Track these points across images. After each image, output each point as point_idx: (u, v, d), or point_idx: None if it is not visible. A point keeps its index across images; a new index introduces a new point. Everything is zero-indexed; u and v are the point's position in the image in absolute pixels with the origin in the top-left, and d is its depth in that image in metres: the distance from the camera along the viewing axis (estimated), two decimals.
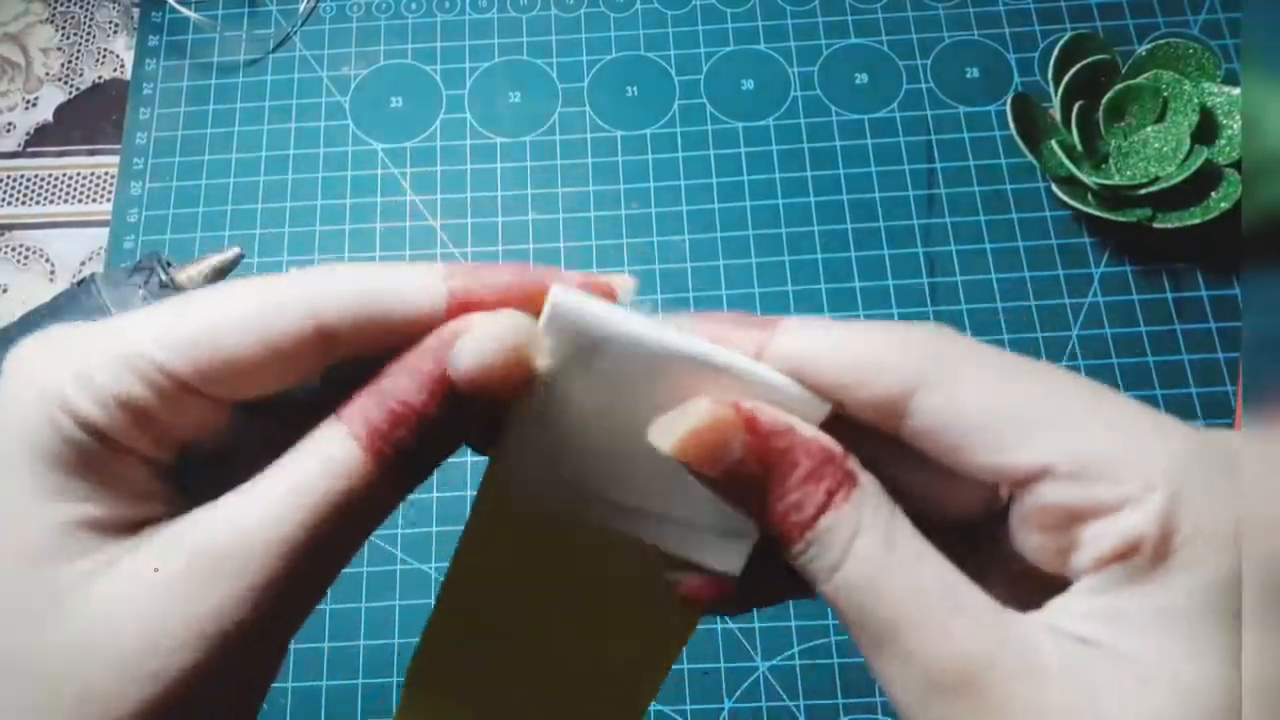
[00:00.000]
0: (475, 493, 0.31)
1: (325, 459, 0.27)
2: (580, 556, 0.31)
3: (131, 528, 0.27)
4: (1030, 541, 0.28)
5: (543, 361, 0.28)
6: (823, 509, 0.27)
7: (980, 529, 0.31)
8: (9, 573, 0.26)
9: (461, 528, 0.31)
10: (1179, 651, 0.24)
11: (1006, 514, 0.29)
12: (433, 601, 0.33)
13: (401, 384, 0.28)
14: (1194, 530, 0.25)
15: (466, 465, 0.65)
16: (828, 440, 0.28)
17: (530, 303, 0.29)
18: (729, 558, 0.31)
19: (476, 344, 0.27)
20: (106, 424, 0.27)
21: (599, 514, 0.31)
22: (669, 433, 0.27)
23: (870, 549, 0.26)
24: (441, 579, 0.32)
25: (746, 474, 0.27)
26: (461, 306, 0.28)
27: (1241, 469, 0.26)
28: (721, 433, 0.27)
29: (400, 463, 0.27)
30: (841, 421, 0.29)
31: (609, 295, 0.30)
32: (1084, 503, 0.26)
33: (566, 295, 0.28)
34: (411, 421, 0.27)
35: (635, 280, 0.30)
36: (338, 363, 0.29)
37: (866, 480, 0.27)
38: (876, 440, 0.29)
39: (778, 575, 0.30)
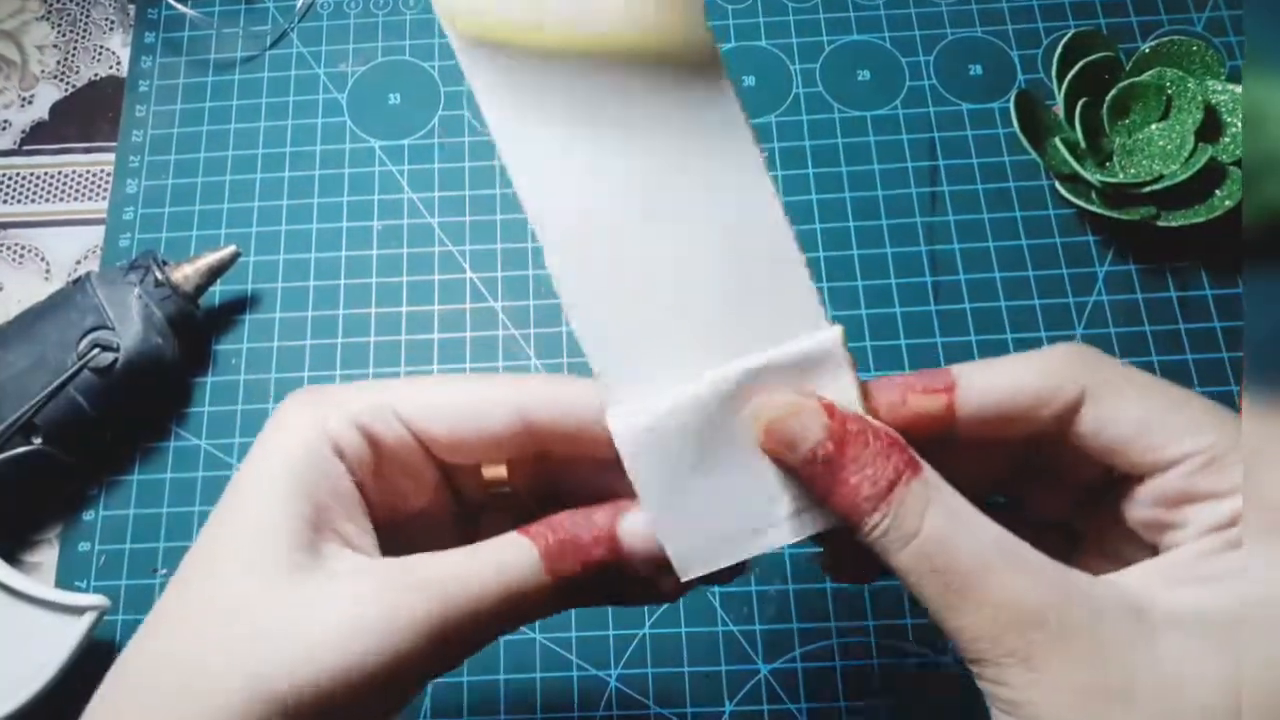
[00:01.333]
0: None
1: (518, 567, 0.34)
2: None
3: (332, 545, 0.34)
4: (1143, 515, 0.34)
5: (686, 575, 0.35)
6: (894, 483, 0.32)
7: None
8: (268, 563, 0.33)
9: None
10: (1240, 606, 0.30)
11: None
12: None
13: (583, 535, 0.35)
14: None
15: None
16: (890, 430, 0.33)
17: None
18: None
19: (643, 535, 0.35)
20: (357, 457, 0.34)
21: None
22: (757, 419, 0.33)
23: (942, 516, 0.31)
24: None
25: (824, 455, 0.33)
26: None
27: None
28: (803, 418, 0.33)
29: (567, 587, 0.35)
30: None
31: None
32: (1203, 489, 0.32)
33: (618, 424, 0.34)
34: (585, 560, 0.35)
35: None
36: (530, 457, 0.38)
37: (926, 467, 0.33)
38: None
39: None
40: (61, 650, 0.58)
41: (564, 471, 0.39)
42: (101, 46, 0.78)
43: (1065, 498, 0.39)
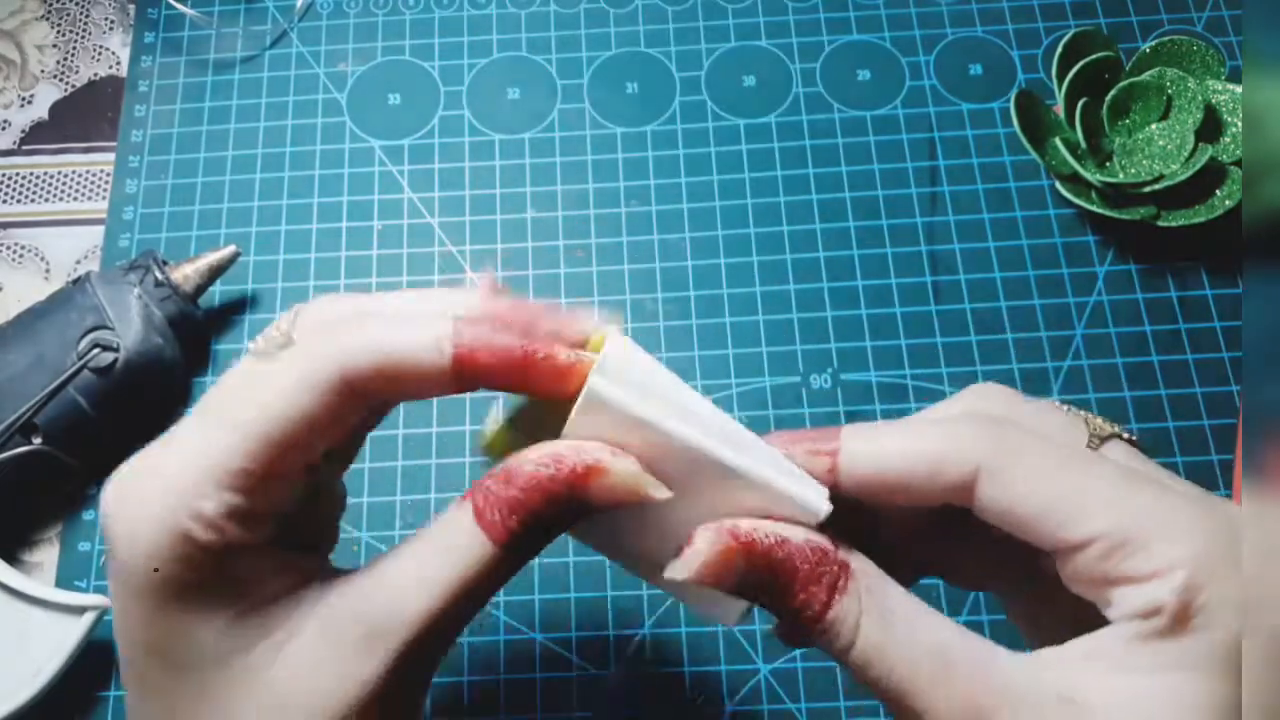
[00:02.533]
0: None
1: (467, 553, 0.32)
2: None
3: (279, 601, 0.33)
4: (1077, 585, 0.32)
5: (661, 494, 0.33)
6: (827, 605, 0.32)
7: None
8: (210, 680, 0.32)
9: None
10: (1175, 700, 0.29)
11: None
12: None
13: (532, 498, 0.32)
14: (1209, 600, 0.29)
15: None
16: (818, 539, 0.33)
17: (524, 370, 0.33)
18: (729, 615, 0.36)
19: (611, 488, 0.32)
20: (228, 539, 0.32)
21: (630, 562, 0.37)
22: (684, 568, 0.32)
23: (872, 627, 0.31)
24: None
25: (755, 581, 0.32)
26: (465, 363, 0.32)
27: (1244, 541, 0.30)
28: (726, 560, 0.32)
29: (516, 547, 0.33)
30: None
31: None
32: (1120, 573, 0.30)
33: (602, 382, 0.33)
34: (534, 521, 0.32)
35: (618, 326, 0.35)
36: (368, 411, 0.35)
37: (857, 564, 0.33)
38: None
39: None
40: (61, 650, 0.58)
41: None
42: (101, 46, 0.78)
43: (991, 560, 0.38)
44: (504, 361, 0.33)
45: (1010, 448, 0.32)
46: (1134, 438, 0.35)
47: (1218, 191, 0.65)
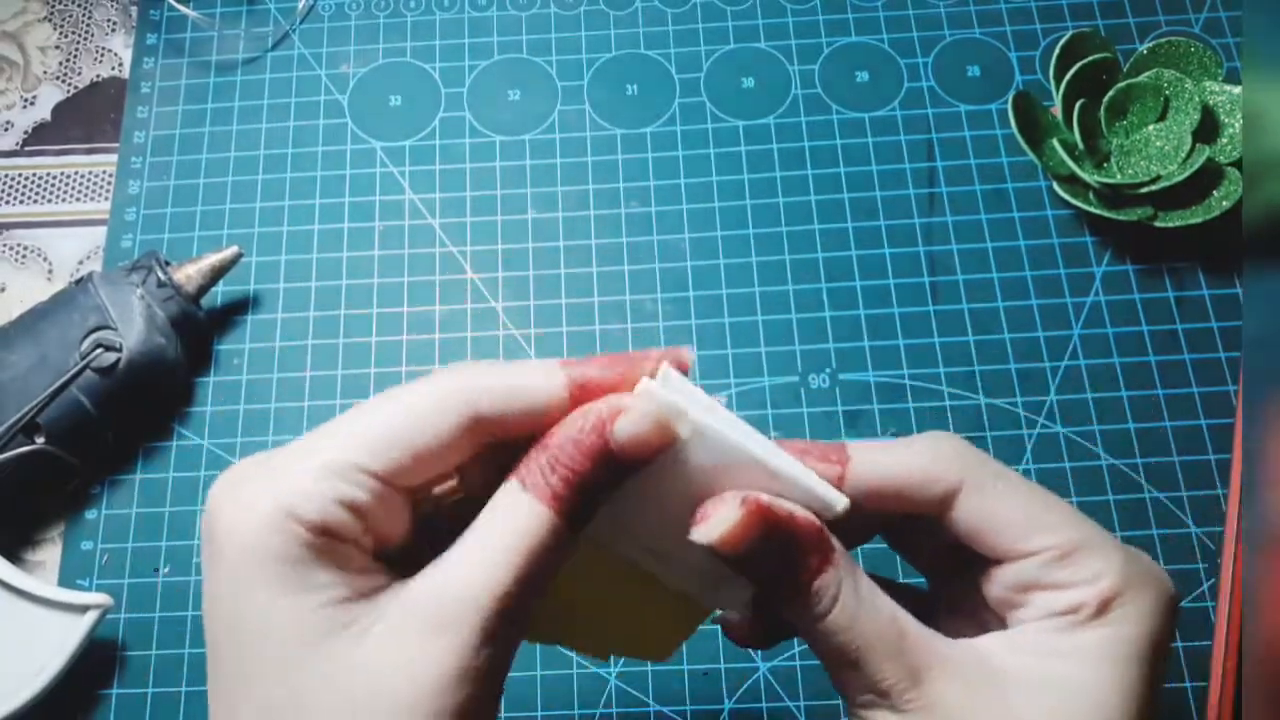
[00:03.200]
0: None
1: (522, 520, 0.34)
2: (628, 576, 0.40)
3: (366, 598, 0.34)
4: (995, 593, 0.39)
5: (685, 430, 0.35)
6: (817, 573, 0.36)
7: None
8: (293, 656, 0.33)
9: None
10: (1085, 676, 0.36)
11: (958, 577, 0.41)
12: None
13: (570, 454, 0.35)
14: (1124, 603, 0.36)
15: None
16: (817, 522, 0.37)
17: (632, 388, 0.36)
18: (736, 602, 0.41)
19: (633, 422, 0.35)
20: (333, 523, 0.33)
21: (647, 560, 0.39)
22: (708, 531, 0.35)
23: (848, 598, 0.36)
24: None
25: (768, 548, 0.36)
26: (581, 394, 0.36)
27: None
28: (748, 525, 0.35)
29: (573, 513, 0.35)
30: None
31: (682, 368, 0.37)
32: (1053, 579, 0.37)
33: (668, 389, 0.35)
34: (581, 483, 0.35)
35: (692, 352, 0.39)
36: (475, 451, 0.37)
37: (839, 550, 0.37)
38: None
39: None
40: (64, 649, 0.58)
41: (512, 457, 0.38)
42: (103, 48, 0.78)
43: (924, 566, 0.44)
44: (611, 388, 0.36)
45: (987, 470, 0.38)
46: None
47: (1215, 192, 0.66)
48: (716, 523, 0.35)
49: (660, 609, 0.42)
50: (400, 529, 0.37)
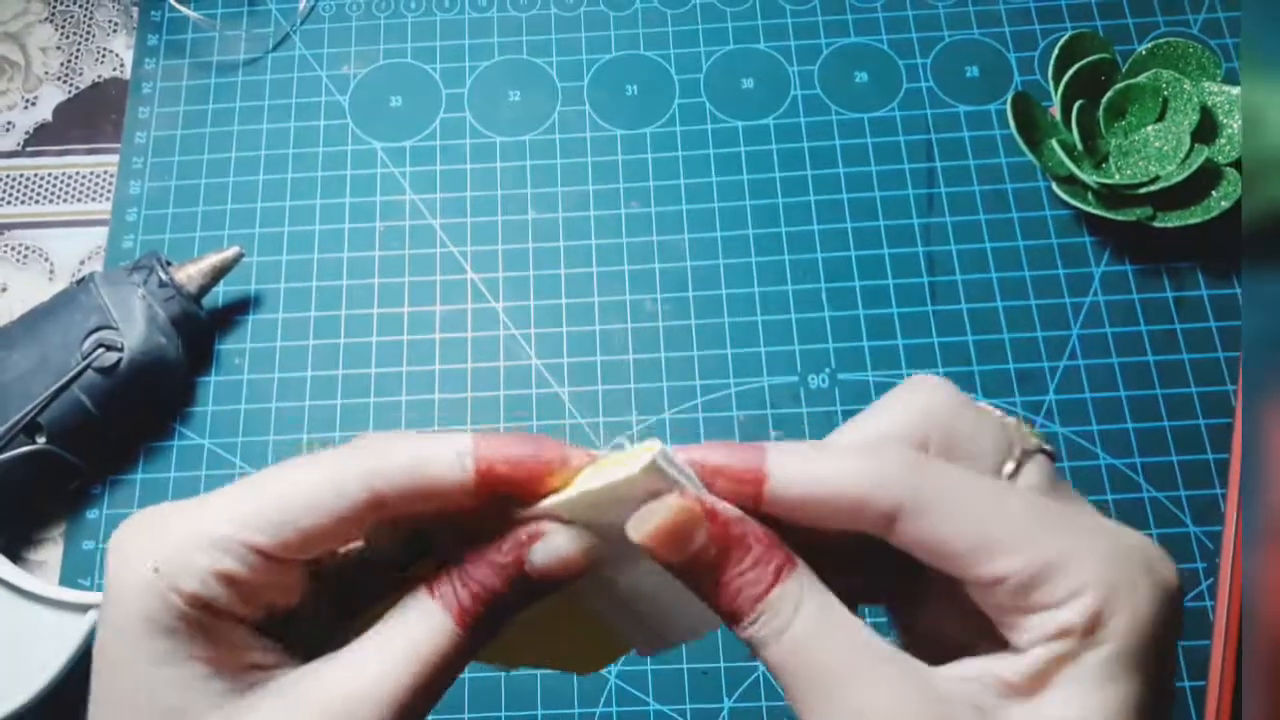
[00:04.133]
0: None
1: (426, 629, 0.34)
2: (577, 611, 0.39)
3: (245, 674, 0.34)
4: (987, 611, 0.34)
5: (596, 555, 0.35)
6: (773, 584, 0.33)
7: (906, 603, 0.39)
8: None
9: None
10: (1083, 704, 0.31)
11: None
12: None
13: (484, 573, 0.34)
14: (1113, 612, 0.31)
15: None
16: (771, 531, 0.34)
17: (538, 478, 0.35)
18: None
19: (550, 550, 0.34)
20: (209, 597, 0.32)
21: (602, 604, 0.38)
22: (644, 524, 0.33)
23: (811, 613, 0.33)
24: None
25: (705, 559, 0.33)
26: (487, 476, 0.34)
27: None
28: (688, 522, 0.33)
29: (478, 628, 0.34)
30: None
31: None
32: (1031, 605, 0.32)
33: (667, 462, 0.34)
34: (490, 600, 0.34)
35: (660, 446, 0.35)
36: (380, 522, 0.36)
37: (800, 563, 0.34)
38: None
39: None
40: (65, 648, 0.58)
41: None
42: (105, 48, 0.78)
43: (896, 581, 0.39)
44: (522, 470, 0.34)
45: (931, 487, 0.33)
46: (1050, 450, 0.36)
47: (1213, 193, 0.66)
48: (648, 514, 0.33)
49: (590, 629, 0.40)
50: (292, 597, 0.36)
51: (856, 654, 0.32)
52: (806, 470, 0.34)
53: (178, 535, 0.33)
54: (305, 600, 0.36)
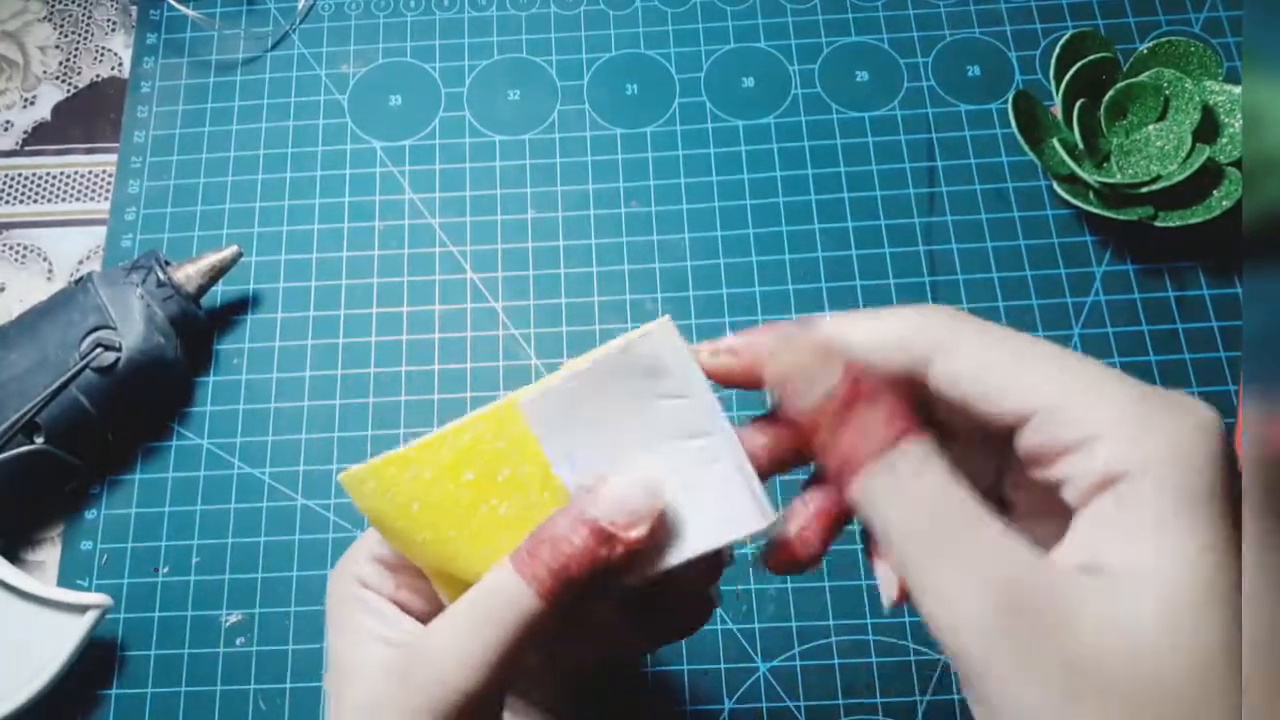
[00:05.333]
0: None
1: (504, 598, 0.38)
2: (524, 481, 0.40)
3: (395, 638, 0.40)
4: (1034, 474, 0.34)
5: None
6: (896, 439, 0.33)
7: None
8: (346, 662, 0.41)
9: None
10: (1156, 554, 0.30)
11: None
12: None
13: (559, 529, 0.37)
14: (1152, 453, 0.30)
15: None
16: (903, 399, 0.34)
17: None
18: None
19: (616, 497, 0.37)
20: (368, 577, 0.43)
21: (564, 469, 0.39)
22: (778, 359, 0.35)
23: (938, 478, 0.33)
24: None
25: (830, 407, 0.34)
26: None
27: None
28: (826, 363, 0.34)
29: (558, 591, 0.37)
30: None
31: None
32: (1054, 442, 0.32)
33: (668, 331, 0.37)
34: (566, 563, 0.37)
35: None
36: None
37: (927, 433, 0.34)
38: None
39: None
40: (63, 648, 0.58)
41: None
42: (103, 47, 0.78)
43: (981, 463, 0.38)
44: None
45: (959, 329, 0.34)
46: None
47: (1215, 192, 0.65)
48: (783, 349, 0.35)
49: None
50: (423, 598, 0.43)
51: (971, 519, 0.32)
52: (849, 325, 0.36)
53: (357, 544, 0.44)
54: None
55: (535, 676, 0.47)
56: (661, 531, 0.38)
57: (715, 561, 0.43)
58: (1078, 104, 0.67)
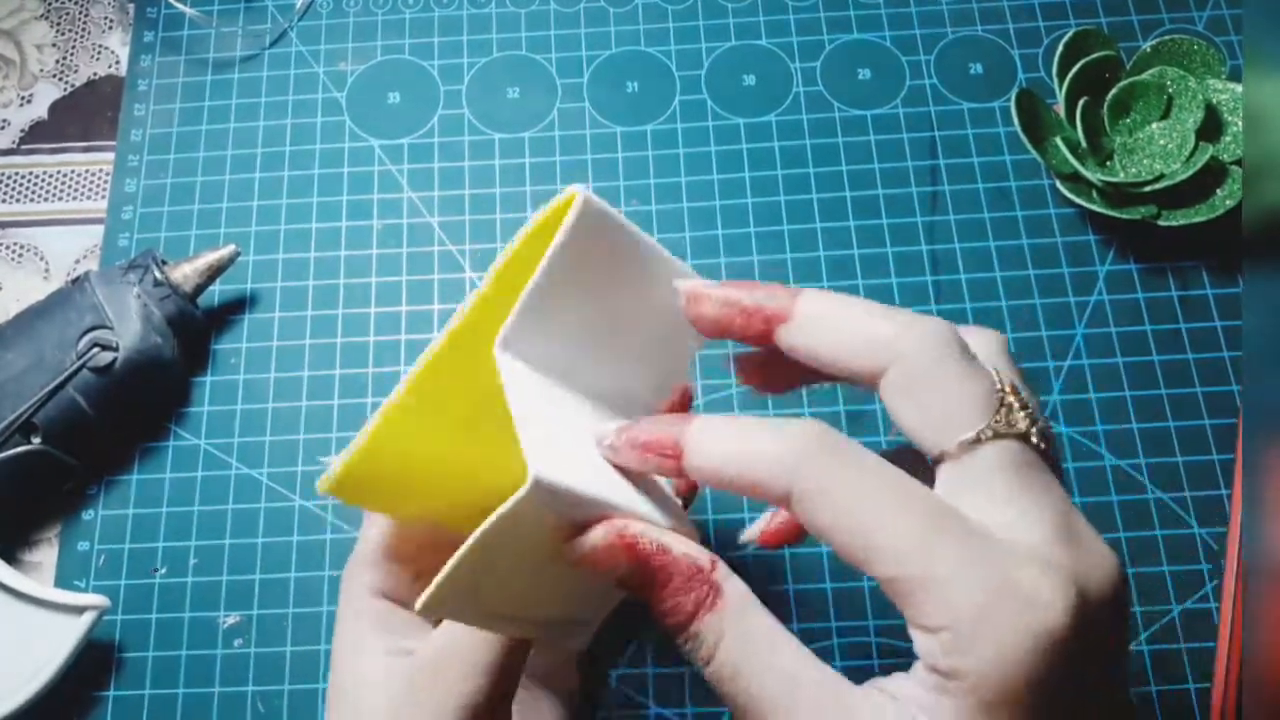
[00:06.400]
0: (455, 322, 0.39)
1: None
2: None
3: (404, 640, 0.42)
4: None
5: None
6: (692, 617, 0.34)
7: None
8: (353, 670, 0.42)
9: None
10: None
11: None
12: None
13: None
14: (974, 658, 0.30)
15: None
16: (699, 557, 0.35)
17: None
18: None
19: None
20: (386, 588, 0.44)
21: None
22: (575, 550, 0.35)
23: (731, 648, 0.33)
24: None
25: (631, 585, 0.35)
26: None
27: None
28: (612, 553, 0.35)
29: None
30: None
31: None
32: (911, 617, 0.32)
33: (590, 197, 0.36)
34: None
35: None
36: None
37: (731, 590, 0.34)
38: None
39: None
40: (61, 650, 0.58)
41: None
42: (100, 45, 0.78)
43: None
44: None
45: (828, 478, 0.33)
46: (1034, 437, 0.35)
47: (1218, 191, 0.65)
48: (581, 543, 0.35)
49: None
50: None
51: (776, 686, 0.33)
52: (718, 448, 0.35)
53: (359, 551, 0.44)
54: None
55: (553, 668, 0.49)
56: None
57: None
58: (1081, 102, 0.67)
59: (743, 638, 0.34)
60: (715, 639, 0.34)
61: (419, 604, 0.35)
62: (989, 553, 0.32)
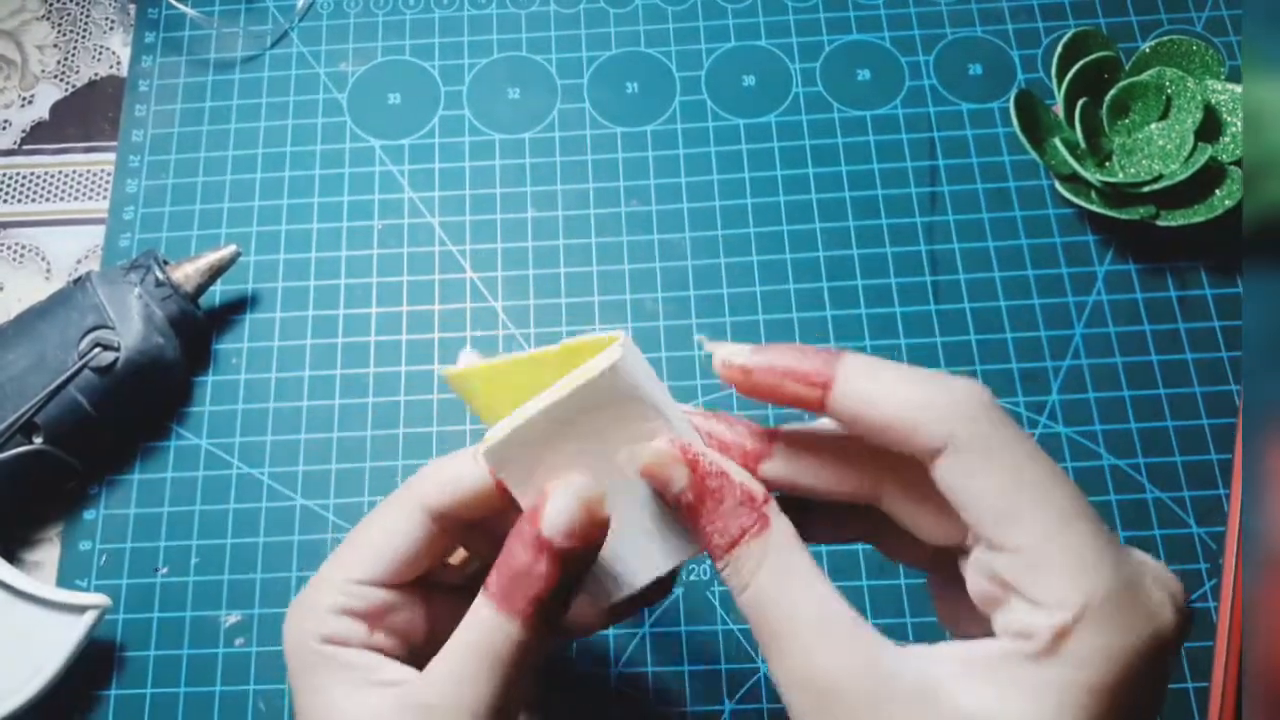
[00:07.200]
0: None
1: (483, 629, 0.38)
2: None
3: (376, 690, 0.39)
4: (975, 582, 0.35)
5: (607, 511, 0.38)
6: (736, 540, 0.36)
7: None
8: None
9: None
10: (1015, 711, 0.31)
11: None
12: None
13: (519, 557, 0.37)
14: (1083, 640, 0.31)
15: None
16: (753, 486, 0.37)
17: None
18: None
19: (557, 511, 0.37)
20: (335, 633, 0.40)
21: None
22: (634, 460, 0.37)
23: (768, 578, 0.35)
24: None
25: (684, 502, 0.36)
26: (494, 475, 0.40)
27: None
28: (670, 467, 0.36)
29: (537, 616, 0.37)
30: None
31: None
32: (1018, 586, 0.32)
33: (630, 353, 0.37)
34: (526, 579, 0.37)
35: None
36: (464, 536, 0.43)
37: (778, 523, 0.36)
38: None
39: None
40: (62, 649, 0.58)
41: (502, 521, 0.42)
42: (102, 46, 0.78)
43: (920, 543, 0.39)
44: None
45: (984, 435, 0.33)
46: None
47: (1217, 191, 0.65)
48: (646, 450, 0.37)
49: None
50: (419, 625, 0.43)
51: (809, 618, 0.34)
52: (875, 383, 0.35)
53: (309, 596, 0.41)
54: (443, 626, 0.41)
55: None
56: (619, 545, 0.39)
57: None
58: (1080, 103, 0.67)
59: (782, 568, 0.35)
60: (755, 565, 0.35)
61: (483, 446, 0.38)
62: (1122, 552, 0.33)
